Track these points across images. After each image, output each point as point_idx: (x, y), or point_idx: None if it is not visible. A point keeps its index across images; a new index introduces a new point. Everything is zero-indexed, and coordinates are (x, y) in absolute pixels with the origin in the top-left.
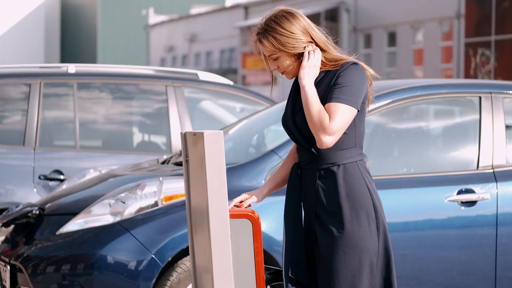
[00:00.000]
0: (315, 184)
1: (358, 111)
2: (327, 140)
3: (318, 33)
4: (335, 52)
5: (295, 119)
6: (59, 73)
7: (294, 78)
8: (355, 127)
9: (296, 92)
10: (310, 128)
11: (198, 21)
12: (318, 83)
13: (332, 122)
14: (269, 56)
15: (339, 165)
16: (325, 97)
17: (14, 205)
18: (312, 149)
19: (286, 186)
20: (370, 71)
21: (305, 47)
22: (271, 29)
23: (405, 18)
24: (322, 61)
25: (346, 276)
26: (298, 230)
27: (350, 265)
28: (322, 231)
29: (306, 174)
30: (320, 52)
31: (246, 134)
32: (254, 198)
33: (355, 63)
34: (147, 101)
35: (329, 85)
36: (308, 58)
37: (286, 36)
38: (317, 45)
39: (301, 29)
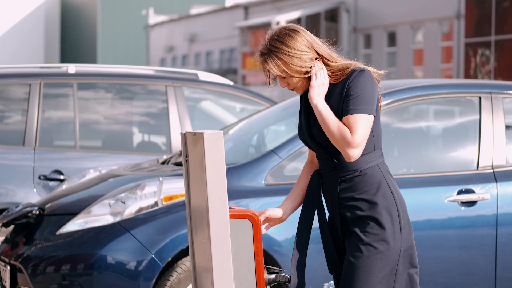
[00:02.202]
0: (337, 191)
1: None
2: (354, 154)
3: (322, 46)
4: (340, 61)
5: (311, 132)
6: (59, 73)
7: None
8: (372, 131)
9: (307, 105)
10: (334, 145)
11: (198, 21)
12: (328, 96)
13: (354, 135)
14: (277, 75)
15: (361, 171)
16: (339, 110)
17: (14, 205)
18: (334, 159)
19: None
20: (376, 72)
21: (311, 66)
22: (276, 49)
23: (405, 18)
24: (328, 74)
25: (367, 275)
26: (308, 235)
27: (371, 265)
28: (348, 235)
29: (327, 182)
30: (326, 69)
31: (246, 134)
32: (271, 212)
33: (361, 70)
34: (147, 101)
35: (341, 97)
36: (316, 78)
37: (292, 56)
38: (322, 58)
39: (305, 45)
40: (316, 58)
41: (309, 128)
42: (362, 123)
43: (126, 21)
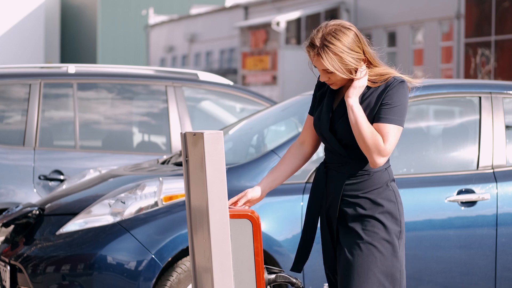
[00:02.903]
0: (342, 186)
1: None
2: (381, 161)
3: (369, 47)
4: (381, 66)
5: (334, 128)
6: (59, 73)
7: (318, 87)
8: None
9: (332, 99)
10: (362, 149)
11: (198, 21)
12: (363, 99)
13: (386, 144)
14: (322, 69)
15: (370, 172)
16: (373, 115)
17: (14, 205)
18: (349, 157)
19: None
20: (412, 81)
21: (357, 67)
22: (332, 45)
23: (405, 18)
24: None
25: (366, 273)
26: (315, 227)
27: (371, 263)
28: (345, 231)
29: (333, 175)
30: (368, 72)
31: (246, 134)
32: (252, 194)
33: (402, 81)
34: (147, 101)
35: (377, 103)
36: (360, 79)
37: (346, 54)
38: (367, 59)
39: (358, 45)
40: (363, 59)
41: (332, 122)
42: (394, 133)
43: (126, 21)
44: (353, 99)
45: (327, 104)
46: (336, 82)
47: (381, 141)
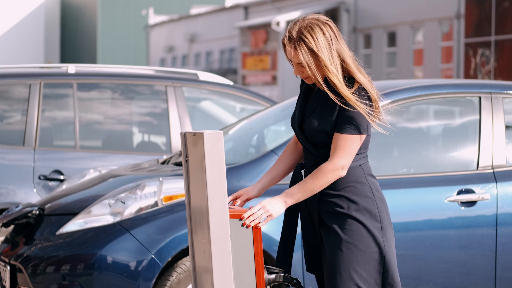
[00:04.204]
0: None
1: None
2: (344, 173)
3: (346, 47)
4: (355, 72)
5: (303, 126)
6: (59, 73)
7: (302, 82)
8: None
9: (304, 97)
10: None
11: (198, 21)
12: (321, 95)
13: (340, 159)
14: (296, 62)
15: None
16: (333, 119)
17: (14, 205)
18: (318, 154)
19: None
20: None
21: (328, 66)
22: (307, 39)
23: (405, 18)
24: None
25: (348, 272)
26: (295, 227)
27: (352, 262)
28: (326, 231)
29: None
30: None
31: (246, 134)
32: (249, 194)
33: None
34: (147, 101)
35: (335, 108)
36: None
37: (320, 50)
38: (342, 59)
39: (332, 42)
40: (338, 58)
41: (302, 120)
42: (349, 144)
43: (126, 21)
44: (287, 202)
45: (301, 100)
46: (310, 77)
47: (331, 172)
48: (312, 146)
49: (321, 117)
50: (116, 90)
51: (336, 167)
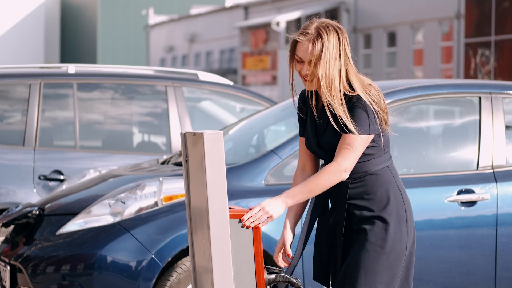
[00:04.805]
0: (346, 191)
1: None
2: (346, 176)
3: (350, 57)
4: (355, 82)
5: (320, 144)
6: (59, 73)
7: (299, 105)
8: (381, 136)
9: (312, 115)
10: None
11: (198, 21)
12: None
13: (344, 160)
14: (303, 59)
15: (372, 172)
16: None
17: (14, 205)
18: None
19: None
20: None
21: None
22: (322, 39)
23: (405, 18)
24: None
25: (373, 272)
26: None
27: (379, 263)
28: (351, 233)
29: (336, 185)
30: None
31: (246, 134)
32: (289, 239)
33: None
34: (147, 101)
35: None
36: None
37: (330, 53)
38: (346, 70)
39: (341, 50)
40: (344, 65)
41: (317, 138)
42: (356, 144)
43: (126, 21)
44: (286, 204)
45: (310, 121)
46: (311, 76)
47: (334, 172)
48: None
49: (334, 130)
50: (116, 90)
51: (339, 168)
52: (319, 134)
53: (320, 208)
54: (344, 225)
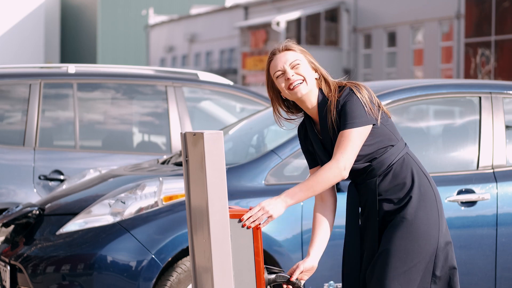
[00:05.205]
0: (376, 187)
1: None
2: (346, 174)
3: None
4: (330, 79)
5: (331, 154)
6: (59, 73)
7: (299, 131)
8: (385, 126)
9: (314, 135)
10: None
11: (198, 21)
12: (326, 112)
13: (342, 155)
14: (295, 64)
15: (396, 162)
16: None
17: (14, 205)
18: (369, 163)
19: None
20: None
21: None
22: (290, 46)
23: (405, 18)
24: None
25: (404, 262)
26: (358, 247)
27: (410, 252)
28: (385, 225)
29: (365, 185)
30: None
31: (246, 134)
32: (305, 265)
33: (350, 89)
34: (147, 101)
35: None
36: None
37: (308, 59)
38: (322, 75)
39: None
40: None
41: (329, 155)
42: (352, 137)
43: (126, 21)
44: (285, 204)
45: (315, 141)
46: (298, 76)
47: (333, 169)
48: (359, 164)
49: (337, 134)
50: (116, 90)
51: (338, 165)
52: (328, 148)
53: (356, 207)
54: (378, 219)
